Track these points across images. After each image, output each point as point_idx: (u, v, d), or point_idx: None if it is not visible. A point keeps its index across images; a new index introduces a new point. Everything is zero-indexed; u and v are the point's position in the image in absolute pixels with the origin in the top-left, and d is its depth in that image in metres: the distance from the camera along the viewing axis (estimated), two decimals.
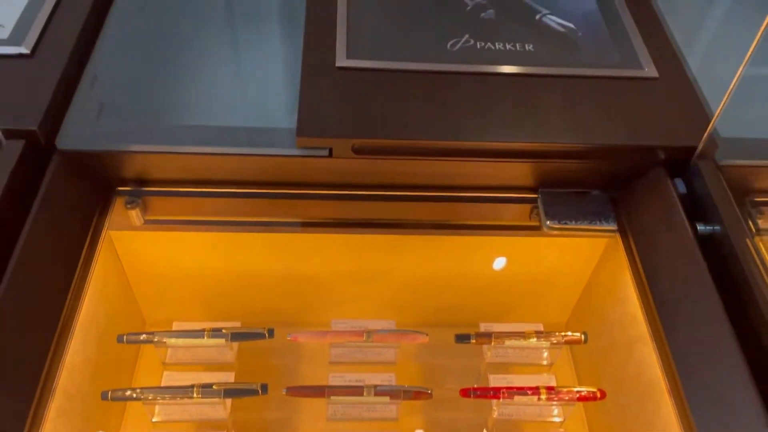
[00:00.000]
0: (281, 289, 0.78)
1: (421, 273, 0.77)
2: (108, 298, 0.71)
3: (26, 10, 0.70)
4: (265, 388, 0.66)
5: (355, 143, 0.62)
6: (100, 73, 0.67)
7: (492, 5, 0.77)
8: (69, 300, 0.56)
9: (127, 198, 0.65)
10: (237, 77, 0.73)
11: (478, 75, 0.68)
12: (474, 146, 0.63)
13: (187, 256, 0.75)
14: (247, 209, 0.69)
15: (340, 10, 0.74)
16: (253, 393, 0.65)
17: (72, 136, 0.61)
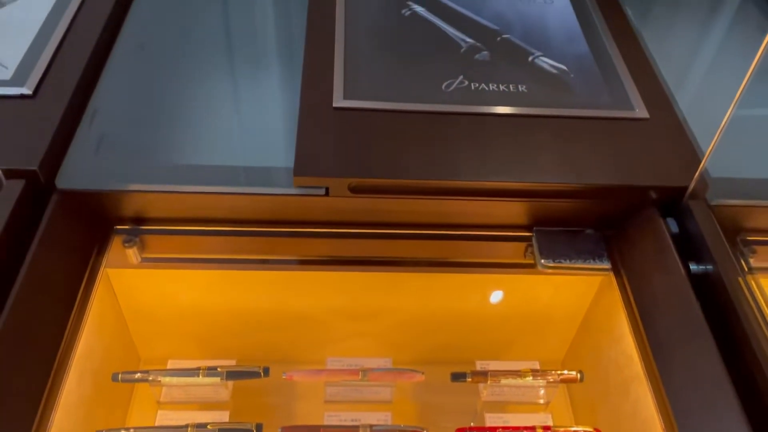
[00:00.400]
0: (277, 326, 0.78)
1: (418, 310, 0.77)
2: (104, 336, 0.71)
3: (29, 51, 0.71)
4: (260, 427, 0.65)
5: (351, 182, 0.63)
6: (101, 113, 0.68)
7: (486, 47, 0.79)
8: (66, 338, 0.56)
9: (125, 236, 0.65)
10: (235, 116, 0.74)
11: (472, 115, 0.70)
12: (469, 185, 0.64)
13: (184, 294, 0.75)
14: (244, 247, 0.69)
15: (338, 51, 0.76)
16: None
17: (71, 175, 0.62)
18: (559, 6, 0.88)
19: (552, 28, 0.83)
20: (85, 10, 0.78)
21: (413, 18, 0.83)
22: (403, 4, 0.85)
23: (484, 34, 0.81)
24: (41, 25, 0.75)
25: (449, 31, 0.82)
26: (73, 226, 0.61)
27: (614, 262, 0.66)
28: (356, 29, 0.80)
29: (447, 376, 0.72)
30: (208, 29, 0.83)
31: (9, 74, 0.68)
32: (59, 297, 0.58)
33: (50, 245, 0.58)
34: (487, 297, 0.77)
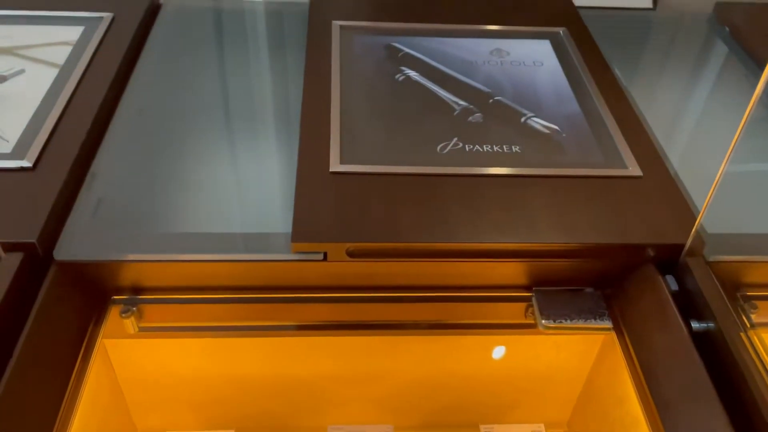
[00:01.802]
0: (276, 393, 0.77)
1: (418, 373, 0.76)
2: (100, 407, 0.69)
3: (30, 124, 0.72)
4: None
5: (349, 247, 0.63)
6: (99, 184, 0.69)
7: (479, 109, 0.80)
8: (62, 412, 0.55)
9: (122, 307, 0.65)
10: (232, 183, 0.75)
11: (468, 177, 0.70)
12: (466, 247, 0.64)
13: (181, 363, 0.74)
14: (242, 314, 0.69)
15: (334, 116, 0.77)
16: None
17: (69, 246, 0.62)
18: (549, 68, 0.90)
19: (543, 90, 0.85)
20: (86, 81, 0.79)
21: (407, 82, 0.85)
22: (397, 70, 0.87)
23: (476, 96, 0.83)
24: (43, 97, 0.76)
25: (442, 94, 0.83)
26: (70, 298, 0.61)
27: (615, 321, 0.66)
28: (352, 94, 0.81)
29: None
30: (205, 97, 0.84)
31: (10, 147, 0.69)
32: (56, 370, 0.57)
33: (47, 317, 0.57)
34: (489, 358, 0.76)
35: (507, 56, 0.91)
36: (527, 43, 0.95)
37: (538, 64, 0.90)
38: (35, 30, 0.88)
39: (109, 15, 0.92)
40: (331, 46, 0.90)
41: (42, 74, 0.80)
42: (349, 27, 0.95)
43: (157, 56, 0.89)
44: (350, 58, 0.89)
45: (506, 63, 0.90)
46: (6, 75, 0.79)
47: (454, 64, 0.89)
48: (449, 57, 0.90)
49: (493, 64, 0.90)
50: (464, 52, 0.92)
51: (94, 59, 0.83)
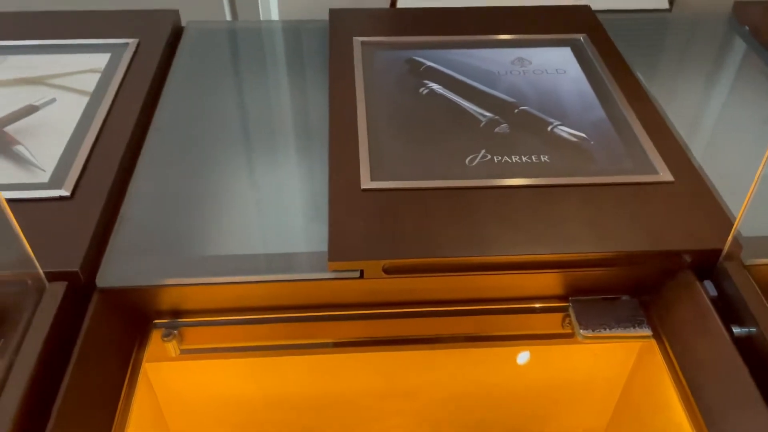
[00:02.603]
0: (314, 410, 0.77)
1: (455, 387, 0.76)
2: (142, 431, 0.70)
3: (65, 153, 0.73)
4: None
5: (385, 264, 0.63)
6: (135, 211, 0.70)
7: (505, 120, 0.81)
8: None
9: (163, 330, 0.65)
10: (265, 203, 0.75)
11: (498, 188, 0.71)
12: (502, 260, 0.64)
13: (219, 384, 0.75)
14: (279, 333, 0.69)
15: (361, 133, 0.78)
16: None
17: (110, 274, 0.63)
18: (572, 75, 0.90)
19: (567, 97, 0.85)
20: (116, 108, 0.81)
21: (431, 95, 0.86)
22: (420, 83, 0.88)
23: (501, 107, 0.83)
24: (75, 125, 0.78)
25: (467, 106, 0.84)
26: (114, 324, 0.62)
27: (654, 328, 0.66)
28: (377, 110, 0.82)
29: None
30: (232, 117, 0.85)
31: (47, 177, 0.70)
32: (105, 395, 0.58)
33: (94, 344, 0.58)
34: (525, 369, 0.76)
35: (529, 65, 0.92)
36: (548, 51, 0.95)
37: (561, 71, 0.91)
38: (63, 59, 0.90)
39: (134, 41, 0.93)
40: (354, 63, 0.91)
41: (73, 102, 0.82)
42: (370, 42, 0.96)
43: (183, 79, 0.91)
44: (373, 73, 0.89)
45: (529, 72, 0.90)
46: (38, 105, 0.81)
47: (477, 75, 0.90)
48: (471, 68, 0.91)
49: (516, 74, 0.90)
50: (486, 63, 0.92)
51: (123, 85, 0.85)
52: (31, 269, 0.58)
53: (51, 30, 0.95)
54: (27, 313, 0.59)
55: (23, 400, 0.51)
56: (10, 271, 0.58)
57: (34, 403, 0.52)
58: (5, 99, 0.82)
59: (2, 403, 0.50)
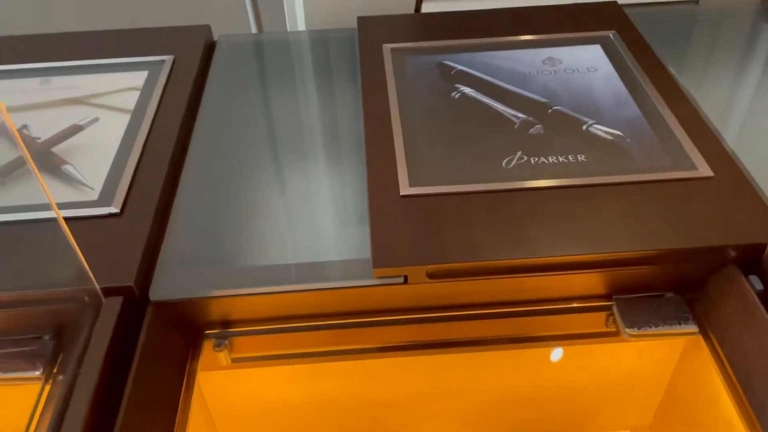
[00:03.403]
0: (362, 414, 0.78)
1: (499, 387, 0.77)
2: None
3: (111, 170, 0.76)
4: None
5: (429, 269, 0.64)
6: (181, 225, 0.72)
7: (539, 120, 0.81)
8: None
9: (215, 341, 0.67)
10: (303, 214, 0.77)
11: (537, 190, 0.71)
12: (545, 262, 0.65)
13: (268, 390, 0.76)
14: (326, 340, 0.70)
15: (397, 140, 0.79)
16: None
17: (163, 287, 0.65)
18: (604, 73, 0.90)
19: (600, 96, 0.86)
20: (157, 124, 0.83)
21: (463, 99, 0.86)
22: (452, 87, 0.88)
23: (534, 108, 0.84)
24: (119, 143, 0.80)
25: (500, 108, 0.84)
26: (168, 336, 0.64)
27: (700, 325, 0.66)
28: (411, 116, 0.83)
29: None
30: (268, 128, 0.87)
31: (96, 195, 0.72)
32: (163, 406, 0.59)
33: (150, 356, 0.60)
34: (569, 369, 0.76)
35: (560, 64, 0.92)
36: (578, 49, 0.95)
37: (592, 69, 0.91)
38: (103, 78, 0.92)
39: (170, 57, 0.95)
40: (385, 69, 0.92)
41: (115, 121, 0.84)
42: (400, 49, 0.97)
43: (219, 93, 0.93)
44: (404, 79, 0.90)
45: (560, 71, 0.91)
46: (82, 125, 0.83)
47: (508, 76, 0.90)
48: (502, 70, 0.91)
49: (547, 74, 0.90)
50: (516, 64, 0.93)
51: (162, 102, 0.87)
52: (88, 285, 0.60)
53: (89, 50, 0.98)
54: (86, 328, 0.61)
55: (89, 410, 0.53)
56: (69, 288, 0.60)
57: (98, 413, 0.54)
58: (51, 120, 0.84)
59: (70, 414, 0.52)
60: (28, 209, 0.69)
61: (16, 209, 0.69)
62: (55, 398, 0.57)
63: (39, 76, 0.93)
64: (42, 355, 0.63)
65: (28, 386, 0.63)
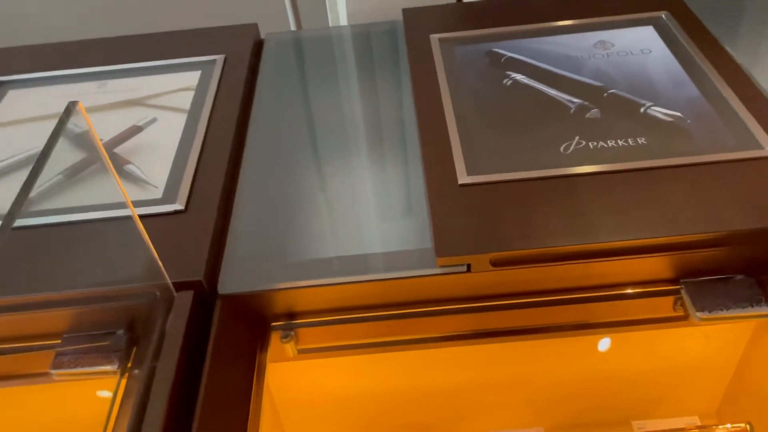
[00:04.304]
0: (425, 404, 0.79)
1: (565, 375, 0.76)
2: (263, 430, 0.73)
3: (173, 169, 0.77)
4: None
5: (492, 257, 0.64)
6: (243, 220, 0.73)
7: (594, 104, 0.80)
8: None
9: (281, 332, 0.68)
10: (359, 205, 0.77)
11: (598, 174, 0.70)
12: (610, 246, 0.64)
13: (332, 381, 0.77)
14: (389, 330, 0.71)
15: (451, 129, 0.79)
16: None
17: (230, 280, 0.66)
18: (658, 54, 0.88)
19: (656, 77, 0.84)
20: (214, 122, 0.84)
21: (515, 86, 0.86)
22: (503, 74, 0.88)
23: (589, 92, 0.83)
24: (178, 142, 0.81)
25: (554, 93, 0.83)
26: (237, 328, 0.65)
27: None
28: (464, 105, 0.83)
29: None
30: (321, 123, 0.88)
31: (160, 193, 0.74)
32: (236, 398, 0.61)
33: (222, 349, 0.61)
34: (635, 354, 0.75)
35: (612, 47, 0.91)
36: (630, 31, 0.94)
37: (646, 51, 0.89)
38: (158, 79, 0.94)
39: (221, 57, 0.97)
40: (434, 60, 0.92)
41: (172, 121, 0.86)
42: (447, 39, 0.97)
43: (270, 90, 0.94)
44: (454, 69, 0.90)
45: (612, 54, 0.89)
46: (141, 125, 0.85)
47: (559, 62, 0.89)
48: (552, 55, 0.90)
49: (599, 57, 0.89)
50: (567, 49, 0.91)
51: (217, 100, 0.88)
52: (161, 280, 0.62)
53: (142, 53, 1.00)
54: (159, 322, 0.62)
55: (168, 402, 0.54)
56: (142, 284, 0.62)
57: (176, 405, 0.56)
58: (110, 121, 0.87)
59: (151, 407, 0.54)
60: (99, 208, 0.71)
61: (87, 209, 0.71)
62: (133, 392, 0.59)
63: (96, 80, 0.96)
64: (116, 349, 0.65)
65: (104, 380, 0.65)
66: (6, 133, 0.87)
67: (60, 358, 0.65)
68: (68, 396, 0.71)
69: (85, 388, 0.68)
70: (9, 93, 0.95)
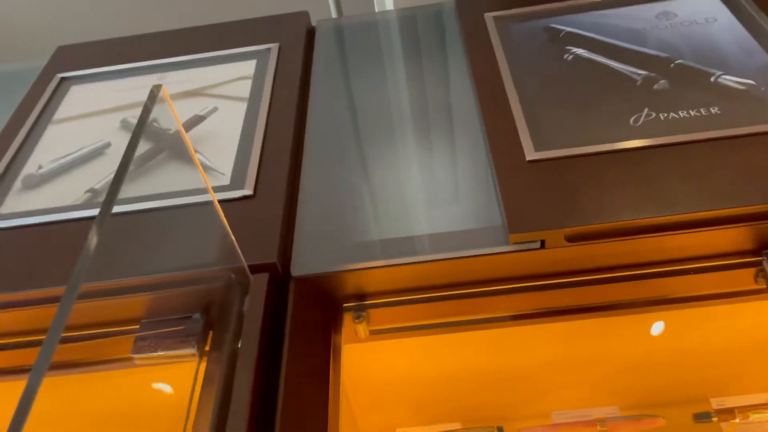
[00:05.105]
0: (496, 384, 0.78)
1: (639, 352, 0.75)
2: None
3: (238, 157, 0.78)
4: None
5: (567, 232, 0.63)
6: (310, 203, 0.73)
7: (662, 75, 0.78)
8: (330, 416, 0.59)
9: (354, 313, 0.68)
10: (423, 186, 0.77)
11: (671, 146, 0.68)
12: (688, 218, 0.62)
13: (401, 362, 0.77)
14: (460, 309, 0.70)
15: (514, 106, 0.78)
16: None
17: (302, 263, 0.66)
18: (724, 22, 0.85)
19: (724, 46, 0.81)
20: (274, 109, 0.85)
21: (577, 61, 0.84)
22: (563, 50, 0.86)
23: (654, 63, 0.81)
24: (241, 129, 0.82)
25: (617, 66, 0.81)
26: (310, 310, 0.66)
27: None
28: (525, 82, 0.81)
29: (683, 418, 0.69)
30: (378, 106, 0.88)
31: (227, 179, 0.75)
32: (315, 379, 0.61)
33: (299, 331, 0.62)
34: (712, 330, 0.73)
35: (675, 18, 0.88)
36: (693, 1, 0.91)
37: (711, 20, 0.86)
38: (215, 69, 0.95)
39: (275, 45, 0.97)
40: (491, 39, 0.91)
41: (233, 109, 0.87)
42: (503, 17, 0.95)
43: (326, 75, 0.94)
44: (512, 46, 0.89)
45: (676, 25, 0.87)
46: (203, 115, 0.86)
47: (621, 34, 0.87)
48: (613, 28, 0.88)
49: (663, 28, 0.87)
50: (627, 21, 0.89)
51: (275, 88, 0.89)
52: (237, 263, 0.62)
53: (198, 44, 1.01)
54: (235, 305, 0.63)
55: (253, 384, 0.55)
56: (219, 267, 0.63)
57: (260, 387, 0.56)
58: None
59: (237, 388, 0.55)
60: (172, 195, 0.72)
61: (161, 196, 0.72)
62: (214, 374, 0.60)
63: (155, 73, 0.97)
64: (193, 333, 0.66)
65: (183, 365, 0.66)
66: (72, 128, 0.89)
67: (140, 343, 0.66)
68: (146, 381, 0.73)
69: (162, 372, 0.69)
70: (72, 89, 0.97)
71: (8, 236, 0.74)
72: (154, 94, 0.49)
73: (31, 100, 0.95)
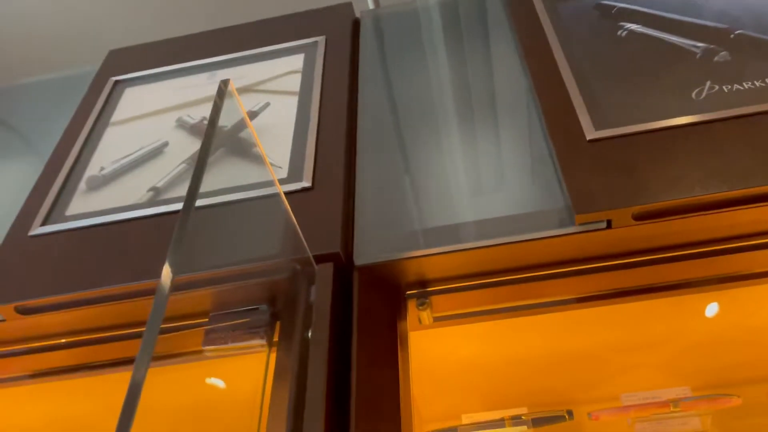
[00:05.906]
0: (562, 367, 0.77)
1: (708, 332, 0.73)
2: None
3: (294, 149, 0.79)
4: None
5: (635, 210, 0.62)
6: (368, 192, 0.74)
7: (723, 47, 0.76)
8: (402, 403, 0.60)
9: (417, 300, 0.68)
10: (480, 170, 0.76)
11: (738, 118, 0.66)
12: (761, 191, 0.61)
13: (463, 348, 0.77)
14: (524, 293, 0.70)
15: (569, 85, 0.76)
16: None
17: (365, 252, 0.67)
18: None
19: None
20: (325, 101, 0.85)
21: (631, 36, 0.82)
22: (616, 26, 0.84)
23: (713, 35, 0.78)
24: (294, 123, 0.83)
25: (674, 40, 0.79)
26: (375, 298, 0.66)
27: None
28: (579, 60, 0.80)
29: (760, 396, 0.67)
30: (428, 94, 0.87)
31: (285, 172, 0.76)
32: (385, 365, 0.61)
33: (366, 319, 0.62)
34: None
35: None
36: None
37: None
38: (263, 65, 0.96)
39: (321, 38, 0.98)
40: (540, 19, 0.89)
41: (285, 103, 0.87)
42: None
43: (374, 65, 0.94)
44: (563, 26, 0.87)
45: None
46: (256, 111, 0.87)
47: (675, 7, 0.85)
48: (667, 1, 0.86)
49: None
50: None
51: (324, 81, 0.89)
52: (303, 254, 0.63)
53: (245, 41, 1.02)
54: (302, 295, 0.64)
55: (327, 373, 0.56)
56: (285, 258, 0.64)
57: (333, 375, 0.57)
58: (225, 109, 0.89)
59: (312, 377, 0.55)
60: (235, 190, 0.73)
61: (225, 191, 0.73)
62: (287, 364, 0.60)
63: (206, 71, 0.98)
64: (261, 325, 0.67)
65: (253, 356, 0.67)
66: (129, 129, 0.91)
67: (210, 336, 0.68)
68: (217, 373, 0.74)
69: (232, 364, 0.70)
70: (126, 91, 0.99)
71: (77, 236, 0.76)
72: (222, 89, 0.49)
73: (87, 104, 0.98)
